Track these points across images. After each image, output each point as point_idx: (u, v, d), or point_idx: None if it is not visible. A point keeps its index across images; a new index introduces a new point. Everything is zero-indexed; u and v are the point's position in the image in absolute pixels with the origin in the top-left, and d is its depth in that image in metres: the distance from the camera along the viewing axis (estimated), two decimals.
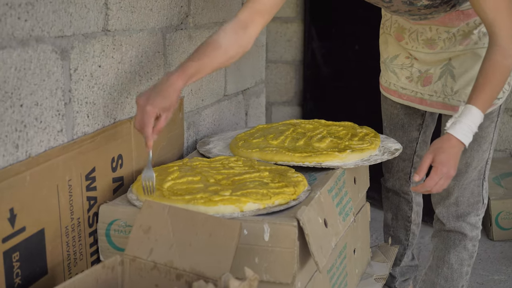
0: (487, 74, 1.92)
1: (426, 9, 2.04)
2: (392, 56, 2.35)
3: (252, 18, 1.93)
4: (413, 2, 2.00)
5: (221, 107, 2.66)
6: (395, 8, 2.08)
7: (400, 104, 2.41)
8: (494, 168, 3.93)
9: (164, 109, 1.74)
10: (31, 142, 1.55)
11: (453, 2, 2.03)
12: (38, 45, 1.55)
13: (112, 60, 1.87)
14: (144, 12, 2.02)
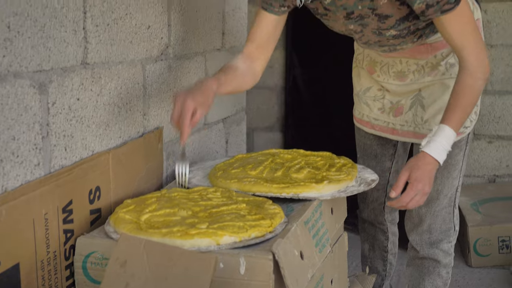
0: (458, 96, 1.99)
1: (394, 39, 2.10)
2: (365, 89, 2.40)
3: (255, 52, 2.12)
4: (382, 32, 2.06)
5: (201, 135, 2.66)
6: (366, 38, 2.13)
7: (373, 135, 2.45)
8: (472, 194, 3.96)
9: (202, 104, 1.87)
10: (7, 176, 1.55)
11: (420, 33, 2.09)
12: (16, 80, 1.55)
13: (91, 92, 1.87)
14: (123, 45, 2.03)
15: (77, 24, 1.78)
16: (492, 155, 4.16)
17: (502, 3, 4.00)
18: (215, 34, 2.74)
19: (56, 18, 1.69)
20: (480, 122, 4.11)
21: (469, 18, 1.98)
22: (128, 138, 2.09)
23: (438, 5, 1.88)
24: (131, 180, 2.08)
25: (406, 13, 1.98)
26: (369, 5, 1.97)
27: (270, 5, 2.07)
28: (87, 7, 1.82)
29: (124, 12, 2.02)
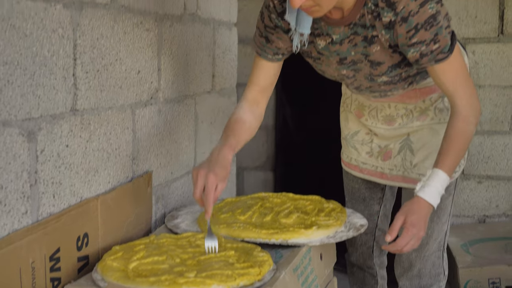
0: (451, 140, 2.00)
1: (385, 85, 2.12)
2: (353, 132, 2.41)
3: (258, 96, 2.16)
4: (374, 78, 2.08)
5: (190, 178, 2.66)
6: (358, 83, 2.15)
7: (361, 179, 2.46)
8: (462, 235, 3.95)
9: (222, 179, 1.89)
10: None
11: (411, 80, 2.12)
12: (5, 129, 1.55)
13: (80, 139, 1.87)
14: (113, 90, 2.03)
15: (67, 71, 1.79)
16: (481, 195, 4.16)
17: (490, 45, 4.03)
18: (205, 76, 2.75)
19: (46, 66, 1.69)
20: (469, 162, 4.12)
21: (461, 65, 2.00)
22: (117, 183, 2.08)
23: (432, 54, 1.90)
24: (119, 225, 2.07)
25: (398, 60, 2.00)
26: (362, 52, 1.99)
27: (264, 52, 2.10)
28: (77, 54, 1.83)
29: (114, 58, 2.03)
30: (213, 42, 2.81)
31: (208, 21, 2.75)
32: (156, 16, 2.28)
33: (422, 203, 1.97)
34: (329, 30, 1.99)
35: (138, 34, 2.16)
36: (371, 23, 1.92)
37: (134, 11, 2.13)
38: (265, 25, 2.07)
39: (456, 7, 4.01)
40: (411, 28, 1.86)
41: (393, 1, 1.84)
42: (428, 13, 1.85)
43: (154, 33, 2.27)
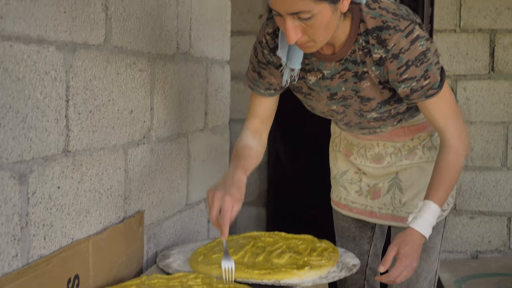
0: (442, 172, 2.03)
1: (375, 121, 2.14)
2: (342, 172, 2.42)
3: (259, 126, 2.20)
4: (364, 114, 2.10)
5: (182, 216, 2.65)
6: (348, 119, 2.17)
7: (351, 218, 2.46)
8: (455, 270, 3.95)
9: (237, 200, 1.92)
10: None
11: (400, 117, 2.14)
12: None
13: (72, 180, 1.86)
14: (105, 131, 2.03)
15: (59, 113, 1.79)
16: (474, 230, 4.17)
17: (481, 81, 4.07)
18: (198, 114, 2.76)
19: (38, 108, 1.69)
20: (461, 197, 4.13)
21: (451, 100, 2.03)
22: (108, 223, 2.07)
23: (422, 90, 1.93)
24: (110, 266, 2.06)
25: (388, 96, 2.02)
26: (352, 87, 2.01)
27: (257, 86, 2.13)
28: (69, 96, 1.83)
29: (107, 99, 2.03)
30: (206, 80, 2.82)
31: (201, 60, 2.76)
32: (149, 56, 2.29)
33: (415, 234, 1.99)
34: (320, 66, 2.01)
35: (131, 74, 2.17)
36: (361, 59, 1.94)
37: (127, 51, 2.14)
38: (258, 60, 2.09)
39: (447, 44, 4.05)
40: (402, 65, 1.89)
41: (384, 38, 1.87)
42: (419, 50, 1.87)
43: (147, 73, 2.28)
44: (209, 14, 2.84)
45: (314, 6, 1.71)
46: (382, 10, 1.88)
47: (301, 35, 1.79)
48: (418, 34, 1.87)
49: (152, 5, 2.30)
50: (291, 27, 1.76)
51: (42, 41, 1.70)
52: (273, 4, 1.75)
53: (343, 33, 1.91)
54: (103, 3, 1.99)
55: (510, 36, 4.03)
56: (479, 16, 4.04)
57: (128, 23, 2.14)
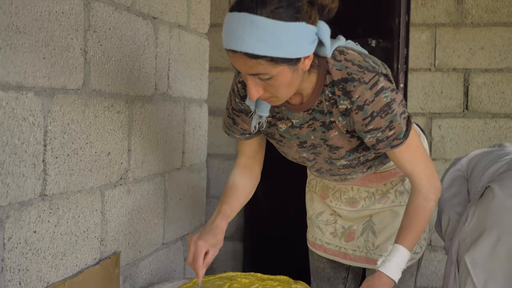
0: (411, 216, 2.04)
1: (345, 169, 2.15)
2: (318, 213, 2.44)
3: (249, 162, 2.23)
4: (333, 161, 2.11)
5: (158, 256, 2.65)
6: (318, 166, 2.19)
7: (326, 258, 2.47)
8: None
9: (213, 245, 2.00)
10: None
11: (369, 164, 2.16)
12: None
13: (48, 224, 1.87)
14: (83, 174, 2.04)
15: (36, 158, 1.79)
16: None
17: (455, 120, 4.12)
18: (175, 154, 2.77)
19: (16, 154, 1.70)
20: (436, 234, 4.15)
21: (418, 147, 2.04)
22: (84, 266, 2.07)
23: (388, 140, 1.95)
24: None
25: (356, 145, 2.04)
26: (321, 136, 2.03)
27: (232, 132, 2.15)
28: (47, 140, 1.84)
29: (85, 142, 2.04)
30: (184, 119, 2.84)
31: (179, 100, 2.78)
32: (127, 98, 2.31)
33: (384, 278, 1.99)
34: (289, 115, 2.03)
35: (109, 116, 2.19)
36: (328, 109, 1.96)
37: (105, 94, 2.15)
38: (232, 107, 2.11)
39: (422, 83, 4.11)
40: (367, 116, 1.90)
41: (349, 90, 1.88)
42: (383, 101, 1.88)
43: (125, 114, 2.29)
44: (187, 54, 2.86)
45: (272, 69, 1.72)
46: (347, 62, 1.89)
47: (262, 92, 1.80)
48: (383, 85, 1.88)
49: (130, 48, 2.32)
50: (252, 85, 1.77)
51: (20, 88, 1.71)
52: (234, 64, 1.77)
53: (310, 84, 1.93)
54: (82, 48, 2.01)
55: (484, 76, 4.09)
56: (453, 55, 4.11)
57: (106, 66, 2.16)
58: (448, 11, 4.10)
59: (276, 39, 1.68)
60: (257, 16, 1.67)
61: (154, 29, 2.52)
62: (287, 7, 1.69)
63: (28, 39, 1.74)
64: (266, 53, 1.68)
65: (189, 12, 2.88)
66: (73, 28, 1.96)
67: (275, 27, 1.67)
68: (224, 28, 1.73)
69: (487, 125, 4.11)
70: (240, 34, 1.68)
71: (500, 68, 4.08)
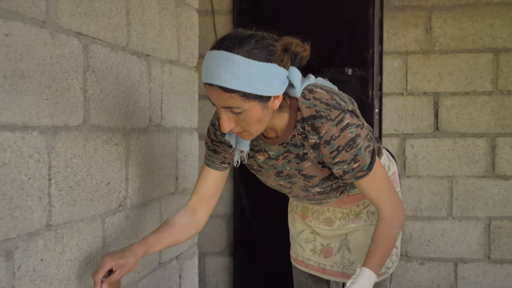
0: (377, 242, 2.07)
1: (319, 195, 2.18)
2: (299, 231, 2.48)
3: (199, 205, 2.14)
4: (308, 189, 2.15)
5: (156, 275, 2.67)
6: (295, 193, 2.22)
7: (307, 273, 2.50)
8: None
9: (119, 265, 1.88)
10: None
11: (342, 189, 2.20)
12: None
13: (54, 252, 1.88)
14: (85, 203, 2.06)
15: (42, 191, 1.81)
16: (424, 275, 4.22)
17: (427, 139, 4.17)
18: (169, 179, 2.80)
19: (23, 189, 1.72)
20: (412, 245, 4.20)
21: (383, 178, 2.07)
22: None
23: (353, 172, 1.98)
24: None
25: (328, 174, 2.07)
26: (295, 167, 2.06)
27: (213, 162, 2.14)
28: (52, 175, 1.86)
29: (86, 174, 2.06)
30: (176, 147, 2.87)
31: (171, 130, 2.81)
32: (124, 131, 2.33)
33: None
34: (266, 147, 2.06)
35: (108, 149, 2.21)
36: (301, 142, 1.99)
37: (104, 129, 2.18)
38: (211, 139, 2.12)
39: (396, 106, 4.16)
40: (334, 150, 1.93)
41: (317, 126, 1.91)
42: (348, 137, 1.91)
43: (122, 146, 2.32)
44: (178, 87, 2.89)
45: (243, 104, 1.74)
46: (316, 100, 1.92)
47: (234, 126, 1.82)
48: (348, 122, 1.91)
49: (126, 84, 2.35)
50: (225, 118, 1.79)
51: (26, 128, 1.74)
52: (210, 97, 1.79)
53: (282, 121, 1.95)
54: (82, 87, 2.04)
55: (452, 98, 4.14)
56: (423, 80, 4.16)
57: (104, 103, 2.18)
58: (417, 39, 4.15)
59: (249, 76, 1.71)
60: (233, 55, 1.70)
61: (148, 66, 2.55)
62: (261, 49, 1.73)
63: (32, 82, 1.77)
64: (239, 88, 1.71)
65: (179, 48, 2.91)
66: (73, 70, 1.99)
67: (248, 65, 1.71)
68: (204, 64, 1.76)
69: (456, 144, 4.16)
70: (217, 70, 1.71)
71: (466, 92, 4.13)
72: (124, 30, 2.33)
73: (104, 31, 2.18)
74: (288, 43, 1.81)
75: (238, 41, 1.72)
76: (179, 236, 2.10)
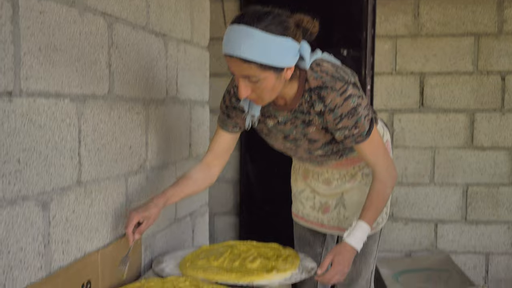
0: (372, 199, 2.12)
1: (321, 157, 2.25)
2: (300, 190, 2.52)
3: (213, 161, 2.23)
4: (312, 151, 2.21)
5: (172, 229, 2.71)
6: (299, 155, 2.27)
7: (306, 228, 2.54)
8: (392, 267, 4.04)
9: (145, 217, 2.00)
10: (16, 281, 1.58)
11: (341, 153, 2.25)
12: (24, 202, 1.61)
13: (83, 205, 1.92)
14: (110, 164, 2.09)
15: (73, 151, 1.85)
16: (407, 234, 4.27)
17: (413, 114, 4.18)
18: (184, 146, 2.83)
19: (56, 149, 1.76)
20: (397, 207, 4.23)
21: (379, 143, 2.11)
22: (113, 238, 2.13)
23: (353, 137, 2.02)
24: (115, 272, 2.10)
25: (330, 138, 2.12)
26: (301, 132, 2.11)
27: (226, 125, 2.20)
28: (81, 137, 1.90)
29: (111, 138, 2.09)
30: (190, 118, 2.90)
31: (185, 102, 2.83)
32: (144, 101, 2.36)
33: (348, 247, 2.07)
34: (276, 113, 2.10)
35: (130, 117, 2.24)
36: (307, 110, 2.03)
37: (126, 99, 2.21)
38: (226, 105, 2.17)
39: (385, 84, 4.17)
40: (337, 117, 1.98)
41: (322, 95, 1.95)
42: (350, 106, 1.96)
43: (142, 115, 2.35)
44: (192, 64, 2.91)
45: (260, 73, 1.79)
46: (322, 73, 1.97)
47: (250, 93, 1.87)
48: (350, 93, 1.95)
49: (146, 60, 2.37)
50: (242, 86, 1.84)
51: (59, 95, 1.77)
52: (230, 67, 1.83)
53: (291, 90, 2.00)
54: (107, 62, 2.06)
55: (436, 78, 4.15)
56: (411, 61, 4.17)
57: (127, 76, 2.21)
58: (406, 24, 4.15)
59: (266, 49, 1.75)
60: (252, 29, 1.73)
61: (164, 44, 2.57)
62: (278, 25, 1.76)
63: (63, 55, 1.79)
64: (256, 59, 1.75)
65: (193, 29, 2.93)
66: (99, 45, 2.01)
67: (266, 39, 1.74)
68: (225, 37, 1.79)
69: (439, 118, 4.18)
70: (237, 42, 1.74)
71: (449, 72, 4.14)
72: (144, 11, 2.35)
73: (126, 12, 2.20)
74: (300, 20, 1.85)
75: (257, 17, 1.76)
76: (194, 188, 2.20)
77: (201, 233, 3.15)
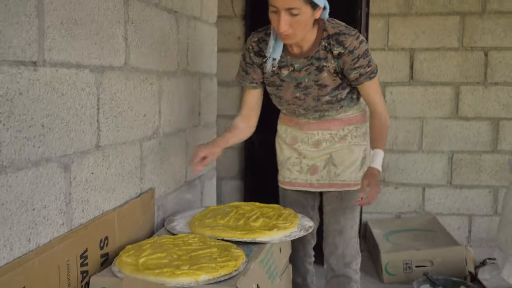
0: (377, 130, 2.27)
1: (327, 104, 2.31)
2: (287, 158, 2.51)
3: (249, 112, 2.40)
4: (320, 98, 2.28)
5: (182, 191, 2.70)
6: (307, 104, 2.32)
7: (295, 191, 2.52)
8: (383, 227, 4.04)
9: (208, 153, 2.23)
10: (40, 235, 1.58)
11: (342, 103, 2.34)
12: (47, 164, 1.59)
13: (102, 167, 1.91)
14: (126, 130, 2.08)
15: (92, 118, 1.83)
16: (397, 197, 4.26)
17: (403, 87, 4.15)
18: (193, 114, 2.81)
19: (77, 116, 1.74)
20: (388, 172, 4.22)
21: (379, 86, 2.28)
22: (128, 198, 2.13)
23: (367, 74, 2.19)
24: (131, 229, 2.11)
25: (338, 83, 2.24)
26: (313, 78, 2.23)
27: (244, 81, 2.36)
28: (100, 105, 1.88)
29: (127, 106, 2.07)
30: (199, 89, 2.87)
31: (195, 74, 2.80)
32: (157, 73, 2.34)
33: (376, 171, 2.19)
34: (292, 61, 2.23)
35: (144, 87, 2.22)
36: (323, 56, 2.17)
37: (141, 70, 2.18)
38: (245, 62, 2.31)
39: (378, 59, 4.12)
40: (355, 57, 2.14)
41: (341, 40, 2.13)
42: (364, 48, 2.15)
43: (155, 85, 2.32)
44: (201, 40, 2.88)
45: (302, 5, 1.95)
46: (337, 24, 2.17)
47: (288, 27, 2.00)
48: (362, 38, 2.16)
49: (159, 34, 2.34)
50: (283, 20, 1.98)
51: (79, 66, 1.74)
52: (274, 1, 1.96)
53: (311, 36, 2.15)
54: (123, 35, 2.03)
55: (425, 53, 4.11)
56: (402, 38, 4.12)
57: (141, 49, 2.18)
58: (397, 4, 4.09)
59: None
60: None
61: (176, 20, 2.53)
62: None
63: (83, 29, 1.77)
64: None
65: (202, 7, 2.88)
66: (116, 20, 1.98)
67: None
68: None
69: (427, 91, 4.14)
70: None
71: (437, 48, 4.10)
72: None
73: None
74: None
75: None
76: (241, 135, 2.40)
77: (209, 195, 3.15)
